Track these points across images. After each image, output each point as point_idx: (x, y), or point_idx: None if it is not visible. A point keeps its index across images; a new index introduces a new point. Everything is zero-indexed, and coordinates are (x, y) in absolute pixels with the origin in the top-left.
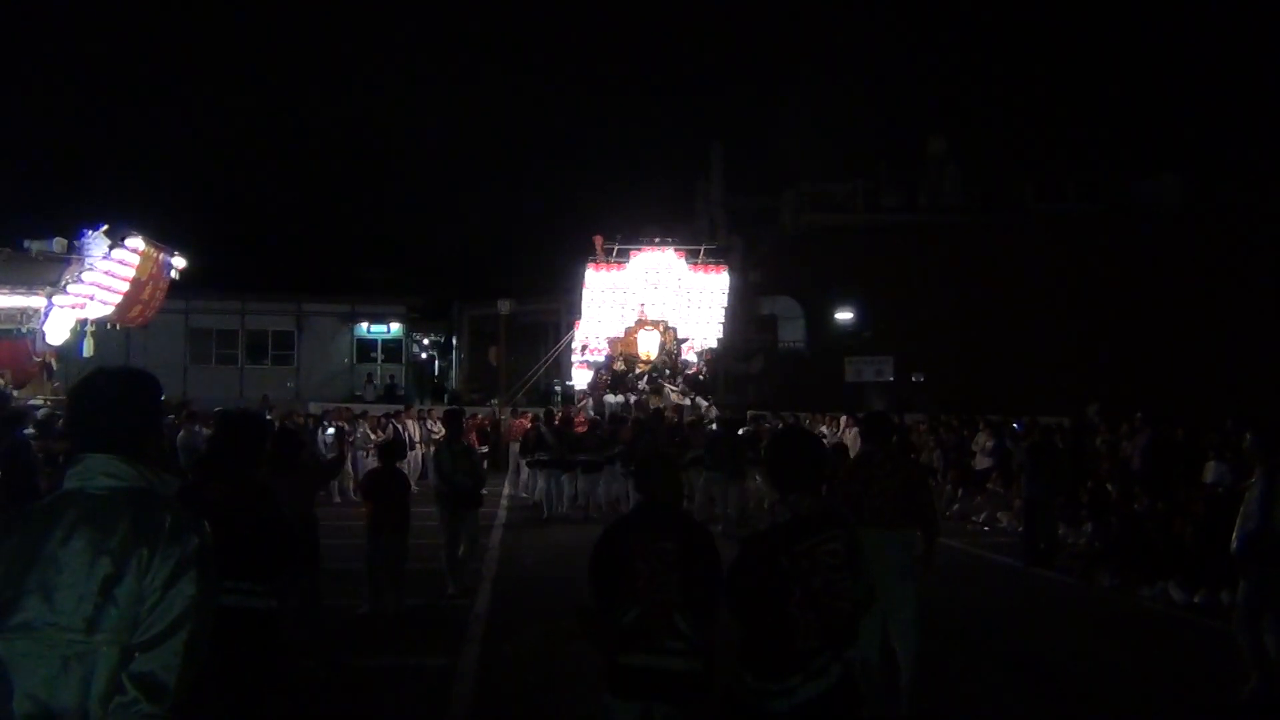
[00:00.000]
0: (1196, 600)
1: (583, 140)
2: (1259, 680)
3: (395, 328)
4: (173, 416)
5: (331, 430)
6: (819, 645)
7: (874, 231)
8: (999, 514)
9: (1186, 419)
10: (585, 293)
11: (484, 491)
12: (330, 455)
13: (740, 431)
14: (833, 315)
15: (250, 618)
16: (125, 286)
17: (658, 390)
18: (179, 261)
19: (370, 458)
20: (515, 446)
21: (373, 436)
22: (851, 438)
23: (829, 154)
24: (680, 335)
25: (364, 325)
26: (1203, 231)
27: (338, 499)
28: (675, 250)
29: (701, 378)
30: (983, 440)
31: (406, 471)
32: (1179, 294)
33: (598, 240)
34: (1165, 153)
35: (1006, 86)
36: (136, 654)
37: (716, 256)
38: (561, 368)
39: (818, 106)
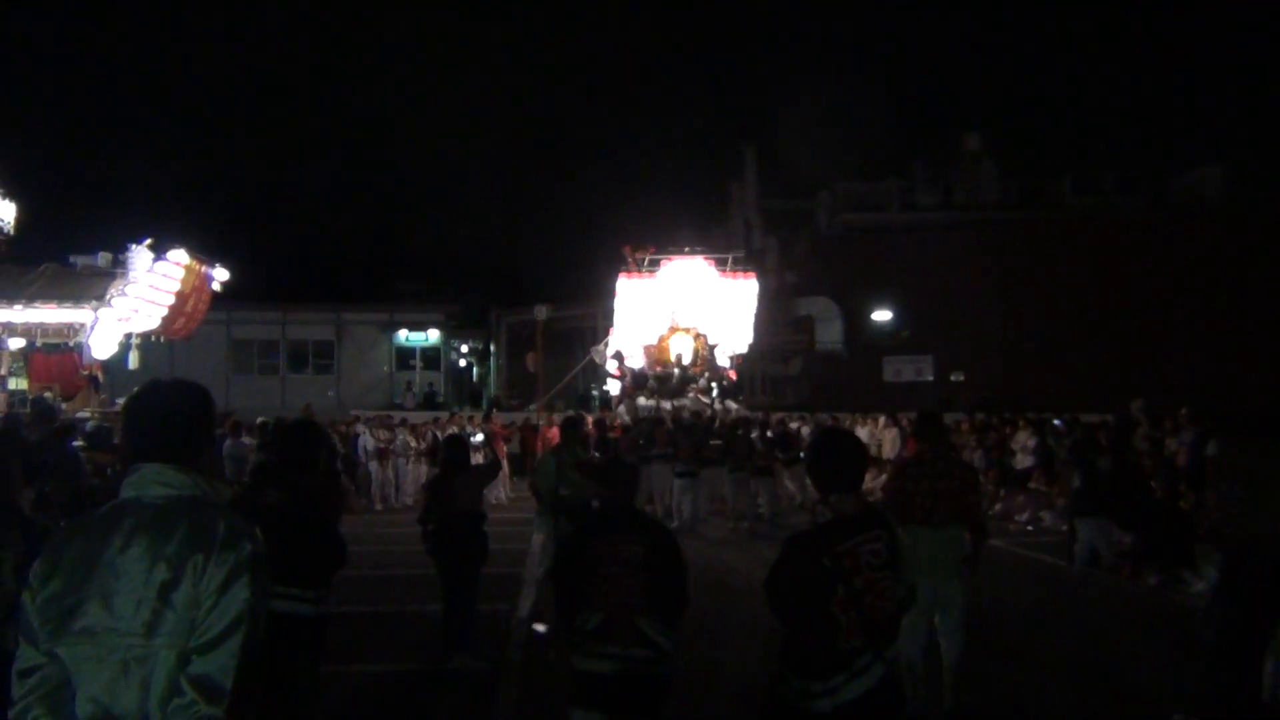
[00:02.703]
0: None
1: (617, 145)
2: None
3: (433, 335)
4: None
5: (480, 436)
6: (862, 645)
7: (910, 230)
8: (1042, 513)
9: (1228, 414)
10: (617, 301)
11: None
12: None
13: (769, 433)
14: (870, 315)
15: (298, 623)
16: (169, 299)
17: (681, 393)
18: (221, 273)
19: (412, 464)
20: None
21: (413, 444)
22: (891, 439)
23: (864, 153)
24: (711, 340)
25: (402, 333)
26: (1244, 224)
27: (379, 506)
28: (705, 258)
29: (726, 383)
30: (1024, 439)
31: None
32: (1221, 288)
33: (627, 250)
34: (1205, 145)
35: (1042, 81)
36: (193, 657)
37: (745, 264)
38: (599, 372)
39: (851, 106)
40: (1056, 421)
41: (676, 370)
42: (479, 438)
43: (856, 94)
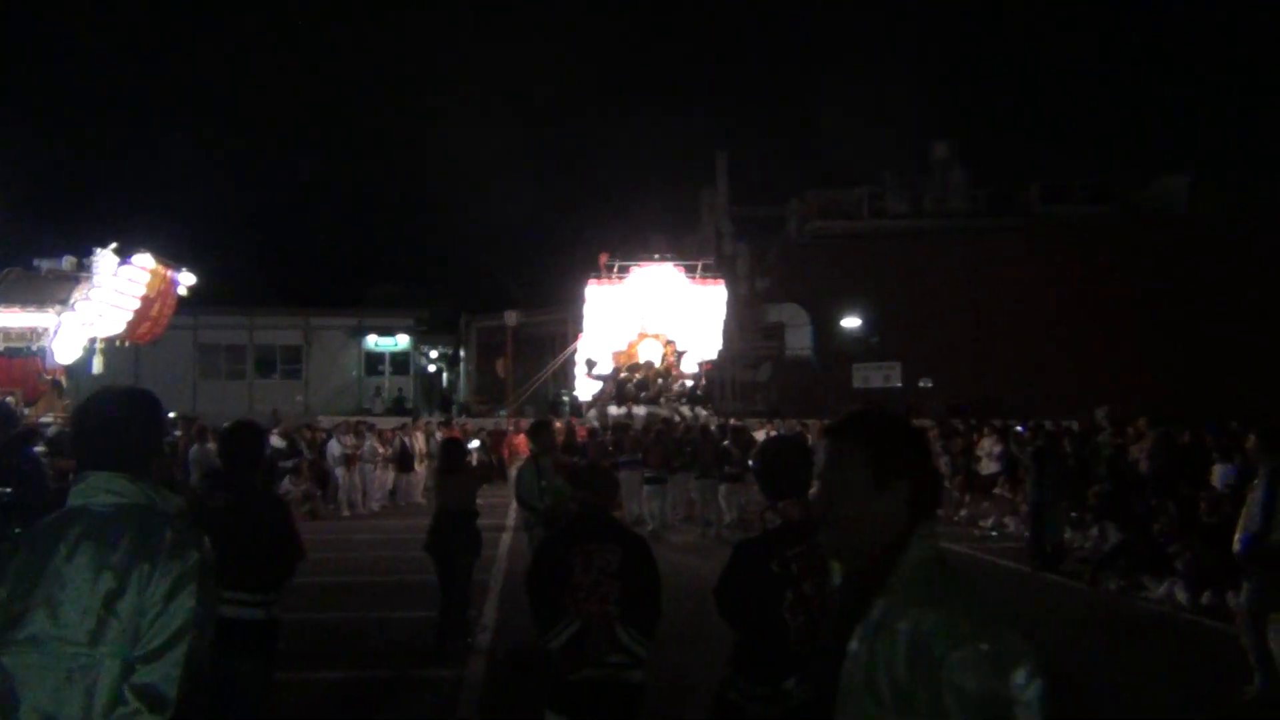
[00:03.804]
0: (1203, 602)
1: (588, 152)
2: (1262, 680)
3: (403, 340)
4: (179, 433)
5: (476, 442)
6: (811, 649)
7: (880, 238)
8: (1006, 518)
9: (1194, 421)
10: (586, 307)
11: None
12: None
13: (725, 442)
14: (840, 322)
15: (245, 628)
16: (134, 304)
17: (654, 401)
18: (187, 278)
19: (379, 471)
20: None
21: (381, 450)
22: None
23: (834, 162)
24: (680, 347)
25: (372, 338)
26: (1209, 233)
27: (346, 512)
28: (674, 265)
29: (700, 391)
30: (989, 445)
31: (413, 484)
32: (1187, 295)
33: (602, 258)
34: (1172, 155)
35: (1011, 91)
36: (138, 666)
37: (715, 270)
38: (569, 378)
39: (822, 115)
40: (1019, 428)
41: (651, 377)
42: (475, 443)
43: (828, 103)
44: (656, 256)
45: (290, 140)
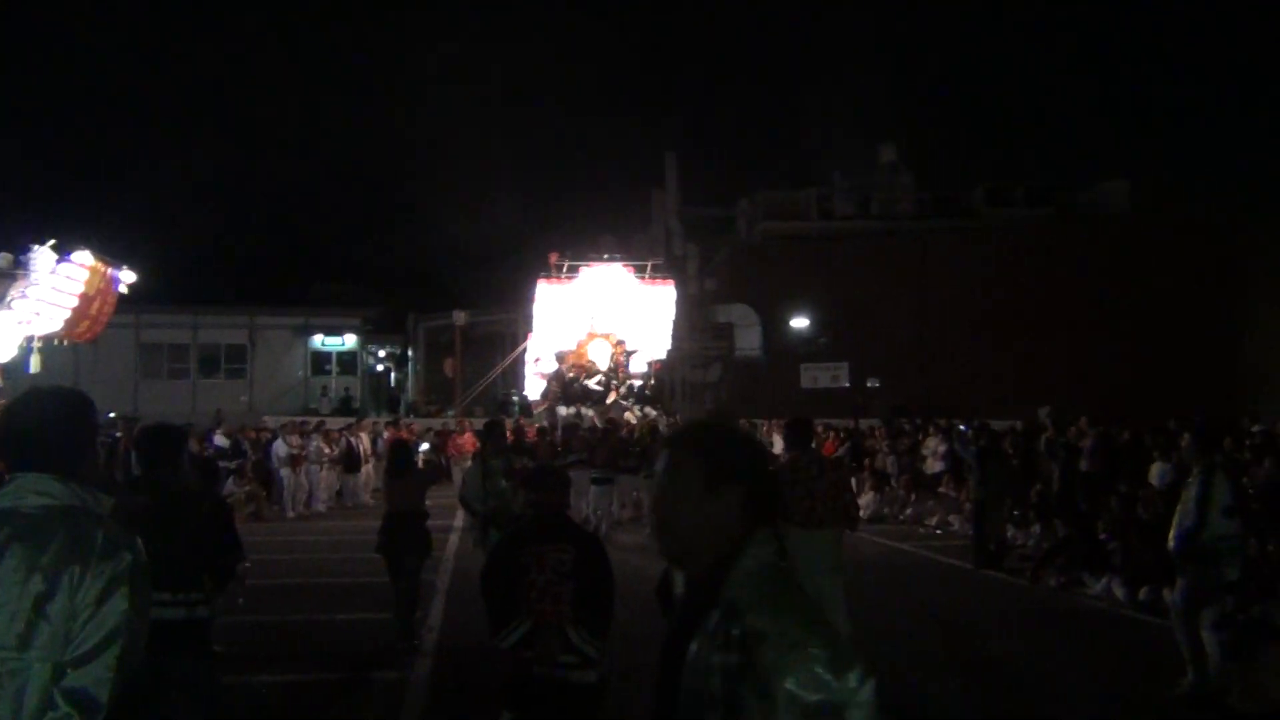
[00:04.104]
0: (1140, 598)
1: (539, 152)
2: (1195, 675)
3: (350, 340)
4: (120, 434)
5: (426, 445)
6: None
7: (828, 239)
8: (950, 517)
9: (1133, 420)
10: (536, 306)
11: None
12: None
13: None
14: (788, 322)
15: (167, 628)
16: (73, 301)
17: (601, 400)
18: (128, 275)
19: (325, 471)
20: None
21: (326, 450)
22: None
23: (783, 163)
24: (629, 347)
25: (318, 338)
26: (1148, 236)
27: (291, 513)
28: (624, 265)
29: (649, 391)
30: (934, 444)
31: (359, 485)
32: (1126, 297)
33: (552, 257)
34: (1114, 159)
35: (956, 96)
36: (69, 670)
37: (664, 271)
38: (518, 378)
39: (771, 117)
40: (962, 427)
41: (600, 378)
42: (424, 446)
43: (777, 105)
44: (606, 256)
45: (234, 137)
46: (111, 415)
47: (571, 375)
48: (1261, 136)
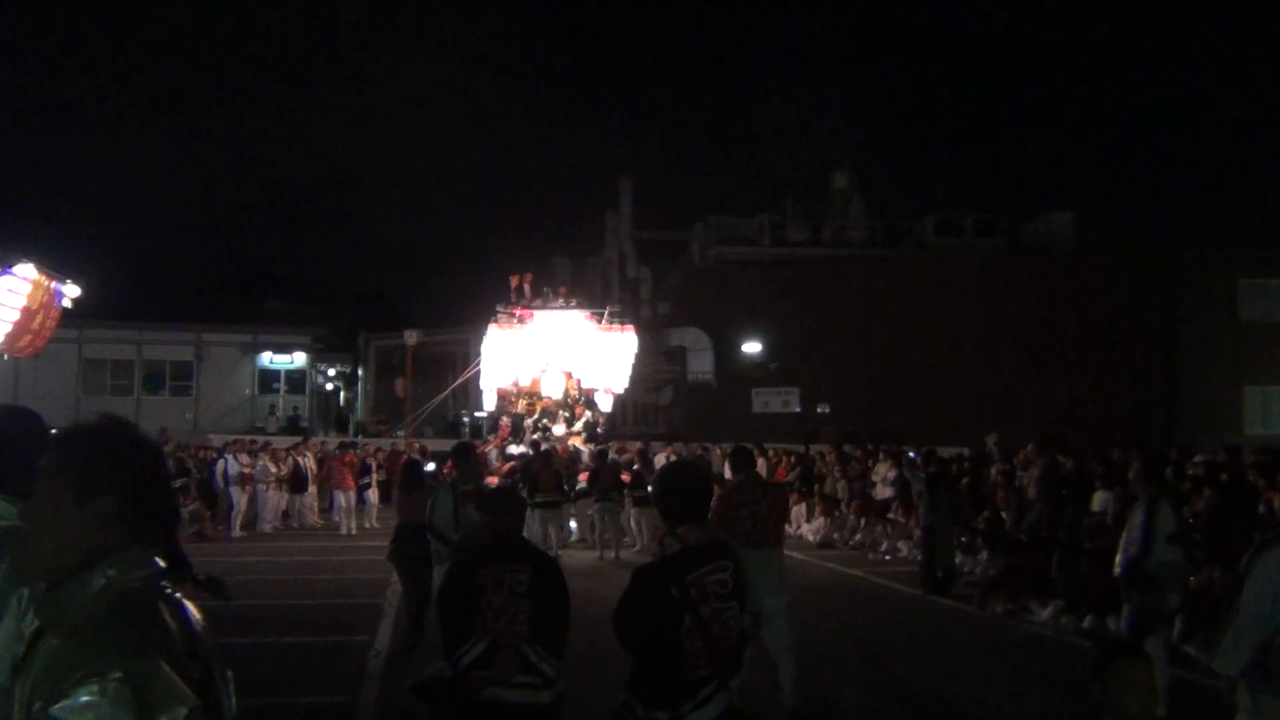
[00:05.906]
0: (1085, 624)
1: (493, 172)
2: None
3: (299, 358)
4: None
5: (432, 466)
6: (708, 674)
7: (780, 265)
8: (900, 543)
9: (1078, 449)
10: (484, 346)
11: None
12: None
13: (635, 466)
14: (740, 347)
15: None
16: (15, 315)
17: (544, 431)
18: (71, 290)
19: (272, 491)
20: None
21: (273, 469)
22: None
23: (737, 189)
24: (585, 385)
25: (266, 356)
26: (1093, 267)
27: (238, 533)
28: (582, 311)
29: (599, 429)
30: (884, 470)
31: (305, 506)
32: (1072, 326)
33: (514, 280)
34: (1058, 192)
35: (908, 127)
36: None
37: (622, 317)
38: (470, 398)
39: (726, 142)
40: (911, 454)
41: (531, 408)
42: (431, 466)
43: (732, 130)
44: (561, 303)
45: (182, 151)
46: (54, 432)
47: (521, 412)
48: (1199, 171)
